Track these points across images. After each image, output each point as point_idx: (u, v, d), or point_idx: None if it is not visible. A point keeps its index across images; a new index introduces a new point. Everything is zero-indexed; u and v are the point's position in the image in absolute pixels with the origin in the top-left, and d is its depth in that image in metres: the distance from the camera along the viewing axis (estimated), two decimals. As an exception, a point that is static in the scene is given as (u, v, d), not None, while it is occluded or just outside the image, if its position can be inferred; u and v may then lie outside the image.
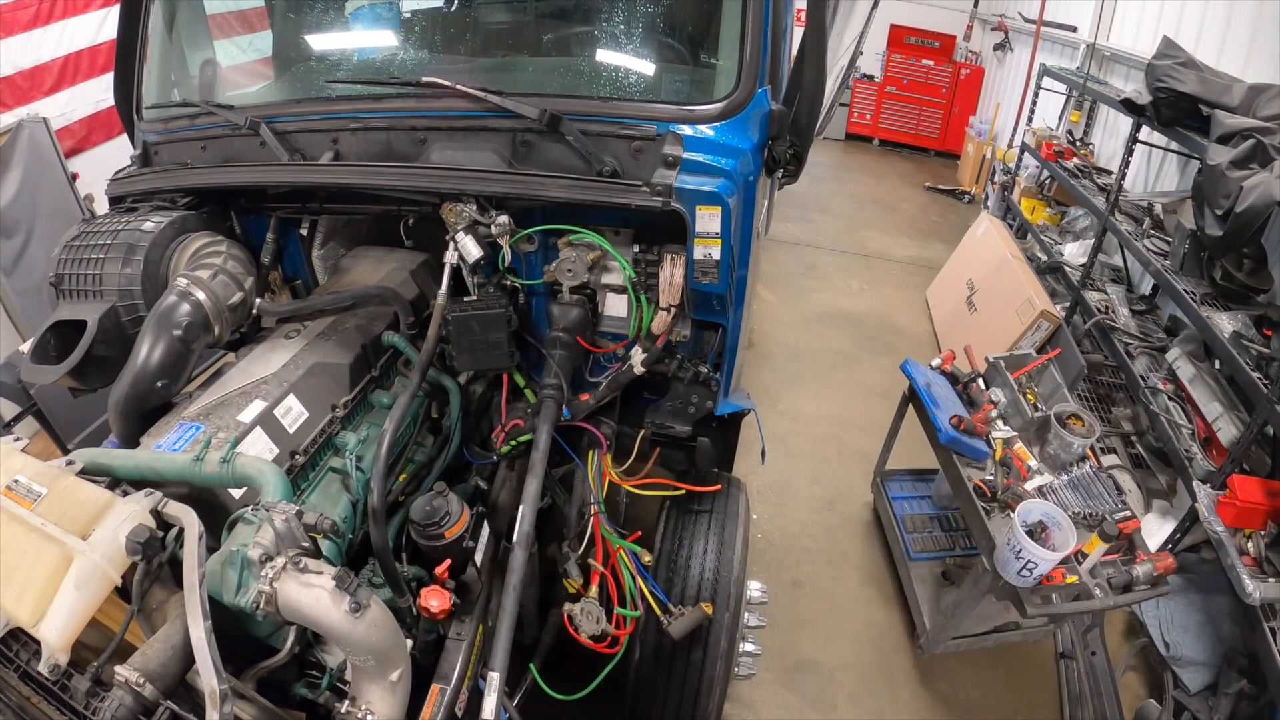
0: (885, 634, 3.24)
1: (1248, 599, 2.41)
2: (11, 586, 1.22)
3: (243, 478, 1.53)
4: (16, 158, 3.91)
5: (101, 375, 1.86)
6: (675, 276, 1.91)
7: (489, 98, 1.78)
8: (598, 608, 1.81)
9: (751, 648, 2.34)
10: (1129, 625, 3.25)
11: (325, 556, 1.48)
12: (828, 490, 4.03)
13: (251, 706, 1.38)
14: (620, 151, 1.80)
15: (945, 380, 3.14)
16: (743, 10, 1.78)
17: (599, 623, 1.79)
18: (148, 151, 2.30)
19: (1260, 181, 2.78)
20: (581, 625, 1.78)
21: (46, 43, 4.14)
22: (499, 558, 1.94)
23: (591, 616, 1.79)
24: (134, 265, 1.90)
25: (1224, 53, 4.33)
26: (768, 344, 5.41)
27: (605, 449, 2.15)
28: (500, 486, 2.29)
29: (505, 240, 1.89)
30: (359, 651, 1.31)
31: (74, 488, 1.35)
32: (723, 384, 2.17)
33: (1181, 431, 3.30)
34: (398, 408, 1.75)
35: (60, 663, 1.21)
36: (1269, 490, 2.55)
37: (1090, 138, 6.18)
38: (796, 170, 1.95)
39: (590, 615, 1.79)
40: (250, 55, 2.80)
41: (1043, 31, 7.31)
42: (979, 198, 8.58)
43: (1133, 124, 4.19)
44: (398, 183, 1.89)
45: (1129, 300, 4.57)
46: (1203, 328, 3.14)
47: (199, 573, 1.23)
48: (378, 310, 2.24)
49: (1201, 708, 2.68)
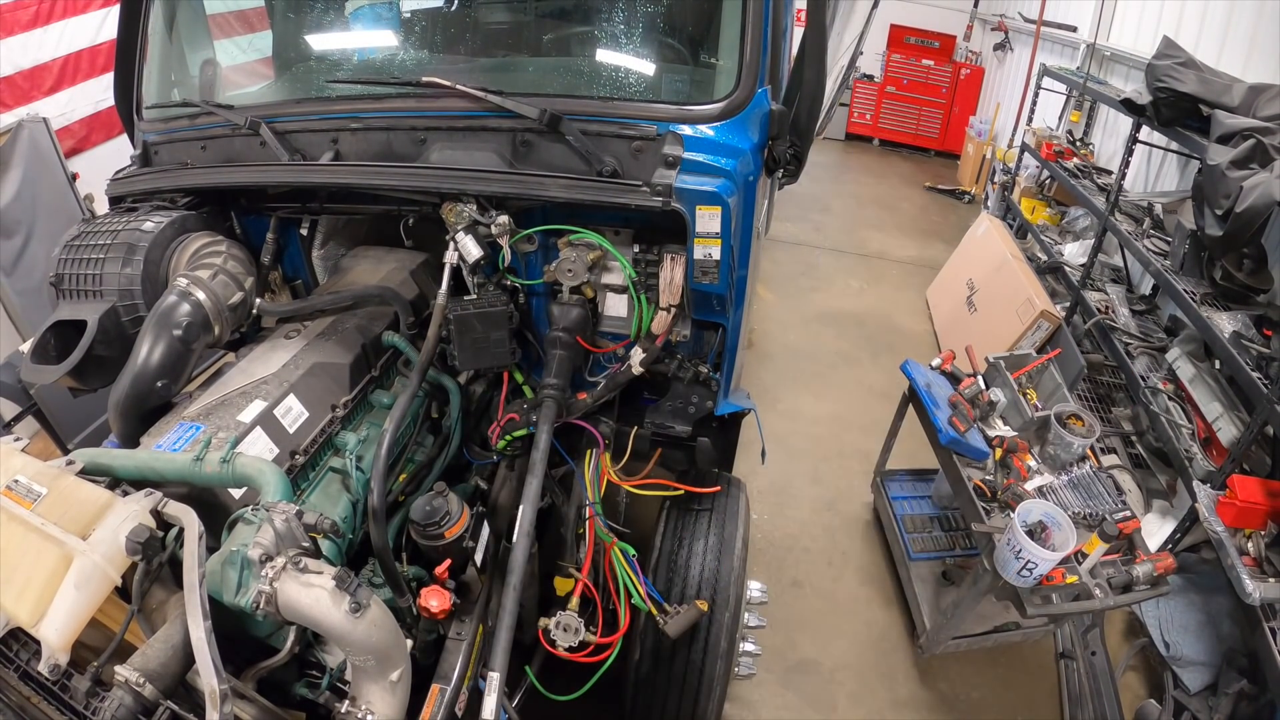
0: (885, 634, 3.24)
1: (1248, 599, 2.41)
2: (11, 586, 1.22)
3: (243, 478, 1.53)
4: (16, 158, 3.91)
5: (101, 375, 1.86)
6: (675, 276, 1.91)
7: (489, 98, 1.78)
8: (575, 619, 1.79)
9: (751, 648, 2.34)
10: (1129, 625, 3.25)
11: (325, 556, 1.48)
12: (828, 490, 4.03)
13: (251, 706, 1.38)
14: (620, 151, 1.80)
15: (945, 380, 3.14)
16: (743, 10, 1.78)
17: (576, 634, 1.78)
18: (148, 151, 2.30)
19: (1260, 181, 2.78)
20: (557, 640, 1.78)
21: (46, 43, 4.13)
22: (499, 558, 1.94)
23: (570, 630, 1.78)
24: (134, 265, 1.90)
25: (1224, 53, 4.33)
26: (768, 344, 5.41)
27: (603, 449, 2.15)
28: (500, 486, 2.29)
29: (505, 240, 1.89)
30: (359, 651, 1.31)
31: (74, 488, 1.35)
32: (723, 384, 2.17)
33: (1181, 431, 3.30)
34: (398, 408, 1.75)
35: (60, 663, 1.21)
36: (1269, 490, 2.55)
37: (1090, 138, 6.18)
38: (796, 170, 1.95)
39: (568, 629, 1.78)
40: (250, 55, 2.80)
41: (1043, 31, 7.31)
42: (979, 198, 8.58)
43: (1133, 124, 4.19)
44: (398, 183, 1.89)
45: (1129, 300, 4.57)
46: (1203, 328, 3.14)
47: (199, 573, 1.23)
48: (378, 310, 2.24)
49: (1201, 708, 2.68)
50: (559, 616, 1.80)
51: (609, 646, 1.87)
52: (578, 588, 1.92)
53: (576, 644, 1.78)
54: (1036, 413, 2.86)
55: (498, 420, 2.13)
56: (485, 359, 2.01)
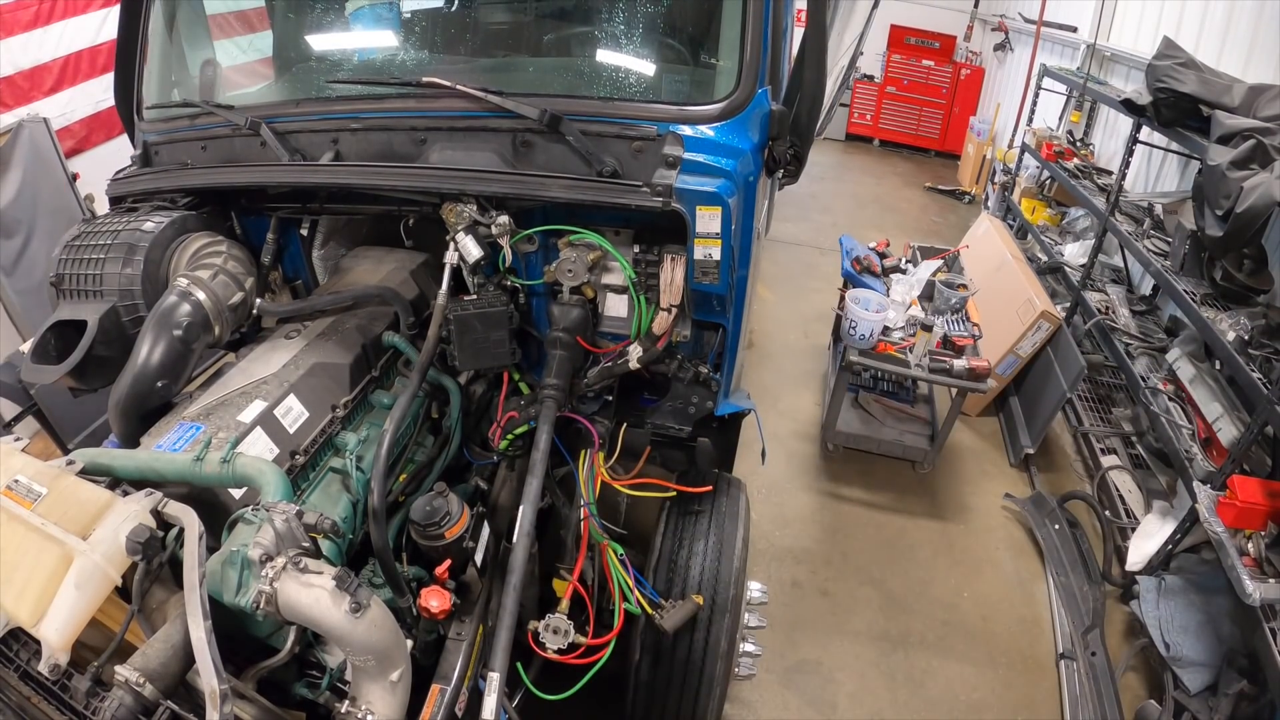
0: (885, 633, 3.24)
1: (1248, 599, 2.41)
2: (12, 586, 1.22)
3: (243, 478, 1.53)
4: (17, 158, 3.90)
5: (101, 375, 1.86)
6: (676, 277, 1.91)
7: (489, 98, 1.78)
8: (564, 621, 1.79)
9: (751, 648, 2.34)
10: (1129, 626, 3.25)
11: (325, 556, 1.48)
12: (827, 490, 4.03)
13: (251, 706, 1.38)
14: (620, 152, 1.80)
15: (877, 258, 4.32)
16: (743, 10, 1.78)
17: (565, 636, 1.77)
18: (148, 151, 2.29)
19: (1260, 182, 2.78)
20: (546, 642, 1.77)
21: (47, 43, 4.13)
22: (499, 558, 1.94)
23: (559, 632, 1.77)
24: (134, 265, 1.90)
25: (1224, 53, 4.33)
26: (768, 344, 5.41)
27: (597, 447, 2.15)
28: (500, 486, 2.29)
29: (505, 240, 1.89)
30: (359, 651, 1.31)
31: (74, 488, 1.35)
32: (723, 384, 2.17)
33: (1182, 432, 3.30)
34: (398, 408, 1.75)
35: (60, 663, 1.21)
36: (1269, 491, 2.55)
37: (1090, 138, 6.19)
38: (797, 170, 1.95)
39: (557, 631, 1.77)
40: (250, 55, 2.81)
41: (1043, 32, 7.31)
42: (979, 198, 8.59)
43: (1133, 124, 4.19)
44: (398, 183, 1.89)
45: (1129, 301, 4.57)
46: (1203, 328, 3.14)
47: (199, 573, 1.23)
48: (378, 310, 2.24)
49: (1201, 708, 2.68)
50: (548, 619, 1.79)
51: (601, 648, 1.86)
52: (568, 590, 1.92)
53: (566, 646, 1.77)
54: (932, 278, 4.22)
55: (498, 420, 2.13)
56: (485, 359, 2.01)
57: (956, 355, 3.65)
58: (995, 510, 4.01)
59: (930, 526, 3.86)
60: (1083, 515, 3.84)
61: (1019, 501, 3.98)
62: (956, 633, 3.28)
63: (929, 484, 4.14)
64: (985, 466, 4.34)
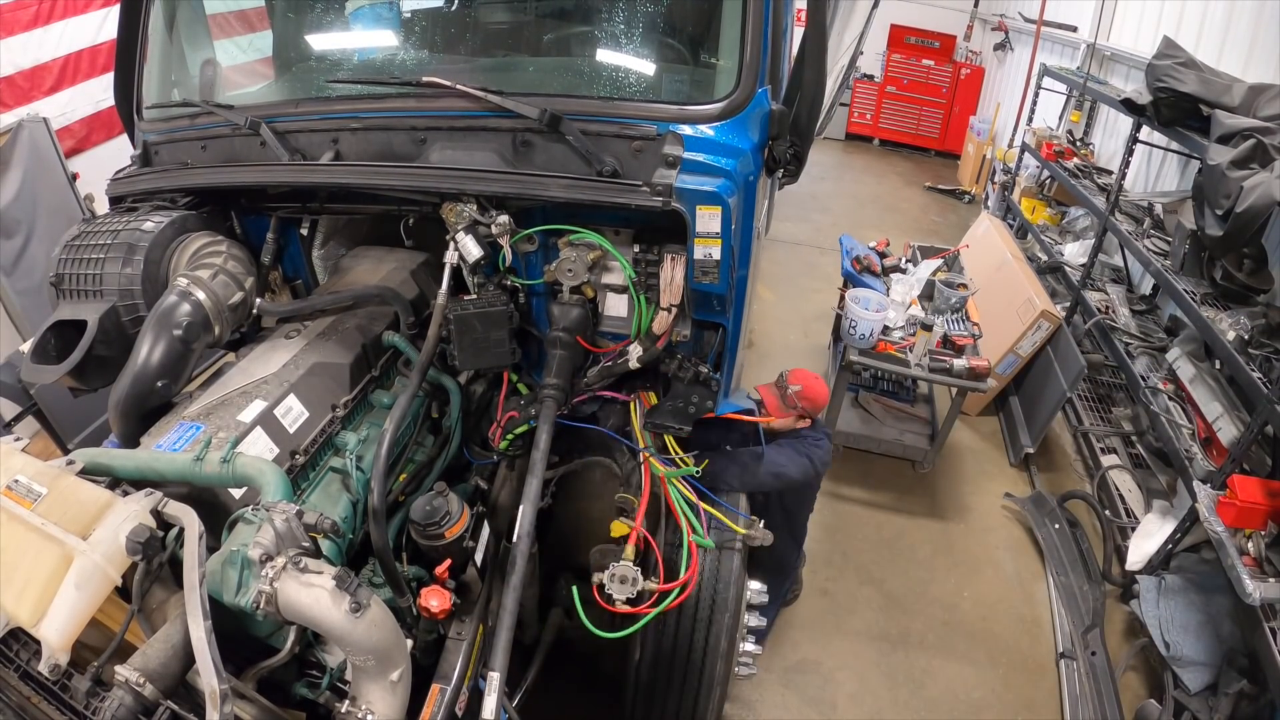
0: (885, 633, 3.24)
1: (1248, 599, 2.41)
2: (12, 586, 1.22)
3: (243, 478, 1.53)
4: (16, 158, 3.90)
5: (101, 375, 1.86)
6: (676, 276, 1.91)
7: (489, 97, 1.78)
8: (632, 569, 1.70)
9: (751, 648, 2.34)
10: (1129, 625, 3.25)
11: (325, 556, 1.48)
12: (827, 490, 4.03)
13: (251, 706, 1.38)
14: (620, 151, 1.80)
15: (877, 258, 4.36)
16: (743, 10, 1.78)
17: (634, 585, 1.67)
18: (148, 151, 2.29)
19: (1260, 181, 2.78)
20: (614, 593, 1.68)
21: (47, 43, 4.13)
22: (499, 558, 1.94)
23: (627, 581, 1.67)
24: (134, 265, 1.90)
25: (1224, 53, 4.33)
26: (768, 344, 5.41)
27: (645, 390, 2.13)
28: (500, 486, 2.29)
29: (505, 240, 1.89)
30: (359, 651, 1.31)
31: (74, 488, 1.35)
32: (723, 384, 2.16)
33: (1182, 431, 3.30)
34: (398, 408, 1.75)
35: (60, 662, 1.21)
36: (1269, 490, 2.55)
37: (1090, 138, 6.18)
38: (797, 170, 1.95)
39: (625, 580, 1.67)
40: (250, 55, 2.80)
41: (1043, 31, 7.31)
42: (979, 198, 8.59)
43: (1133, 124, 4.19)
44: (398, 183, 1.89)
45: (1129, 300, 4.57)
46: (1203, 328, 3.14)
47: (199, 572, 1.23)
48: (378, 310, 2.24)
49: (1201, 708, 2.68)
50: (613, 568, 1.70)
51: (679, 590, 1.74)
52: (633, 536, 1.82)
53: (635, 595, 1.69)
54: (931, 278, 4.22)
55: (498, 420, 2.13)
56: (485, 359, 2.01)
57: (956, 355, 3.68)
58: (995, 510, 4.01)
59: (930, 526, 3.86)
60: (1083, 515, 3.84)
61: (1019, 501, 3.98)
62: (956, 632, 3.28)
63: (929, 483, 4.14)
64: (985, 466, 4.35)
